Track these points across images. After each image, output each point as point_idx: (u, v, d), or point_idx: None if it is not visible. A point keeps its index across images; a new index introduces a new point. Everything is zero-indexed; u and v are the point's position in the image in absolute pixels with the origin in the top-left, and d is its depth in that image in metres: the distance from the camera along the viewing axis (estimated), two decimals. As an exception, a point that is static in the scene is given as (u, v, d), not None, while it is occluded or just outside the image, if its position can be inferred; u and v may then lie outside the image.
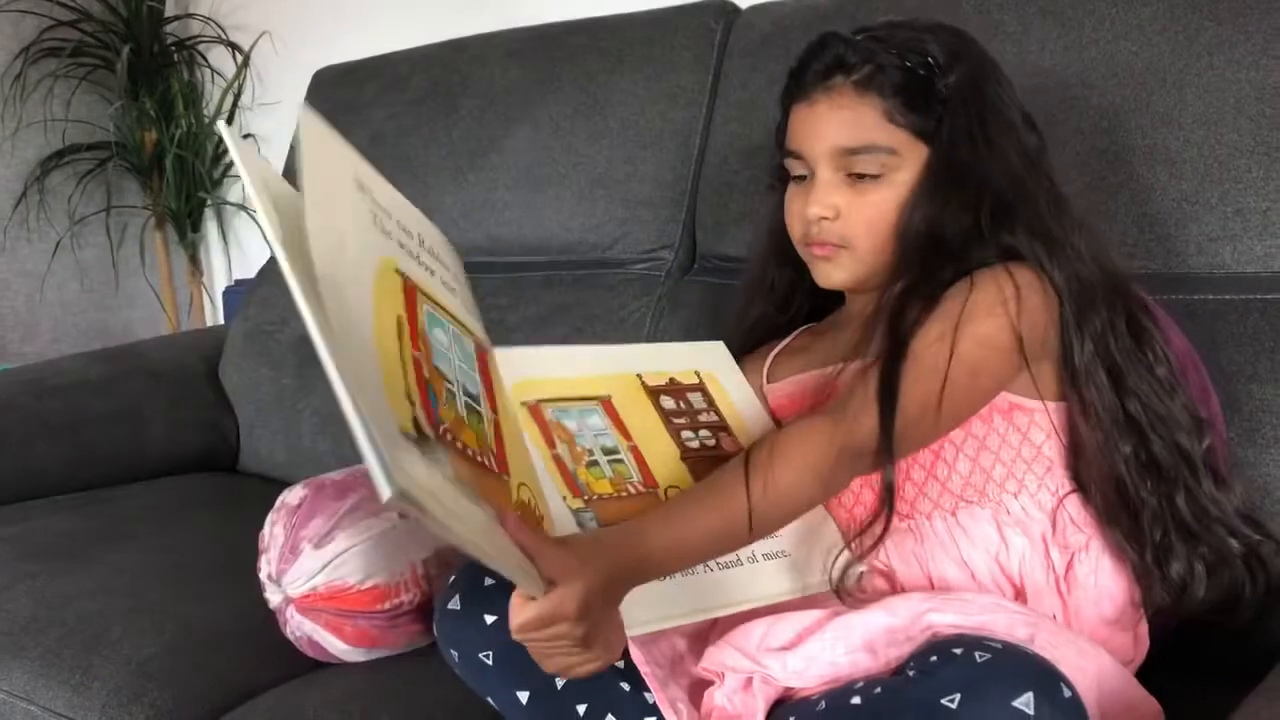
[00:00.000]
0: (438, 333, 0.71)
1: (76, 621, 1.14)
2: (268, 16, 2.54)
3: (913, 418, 0.83)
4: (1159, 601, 0.89)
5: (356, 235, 0.65)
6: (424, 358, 0.67)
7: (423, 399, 0.64)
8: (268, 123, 2.58)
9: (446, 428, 0.65)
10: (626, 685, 0.84)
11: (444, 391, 0.68)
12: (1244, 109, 1.06)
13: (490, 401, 0.76)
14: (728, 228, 1.42)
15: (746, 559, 0.88)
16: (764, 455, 0.81)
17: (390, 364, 0.62)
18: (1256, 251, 1.05)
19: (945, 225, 0.89)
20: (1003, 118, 0.92)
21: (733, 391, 1.02)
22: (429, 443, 0.61)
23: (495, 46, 1.72)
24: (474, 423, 0.70)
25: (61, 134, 2.62)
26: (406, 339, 0.66)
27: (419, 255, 0.74)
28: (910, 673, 0.72)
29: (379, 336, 0.62)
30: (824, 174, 0.94)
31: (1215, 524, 0.89)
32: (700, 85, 1.49)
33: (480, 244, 1.64)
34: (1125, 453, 0.88)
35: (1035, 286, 0.87)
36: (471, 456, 0.67)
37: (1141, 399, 0.89)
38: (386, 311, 0.64)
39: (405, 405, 0.61)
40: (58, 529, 1.43)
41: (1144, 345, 0.91)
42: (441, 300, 0.75)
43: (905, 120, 0.91)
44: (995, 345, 0.86)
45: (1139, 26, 1.13)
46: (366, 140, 1.81)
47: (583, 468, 0.87)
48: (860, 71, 0.91)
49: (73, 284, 2.73)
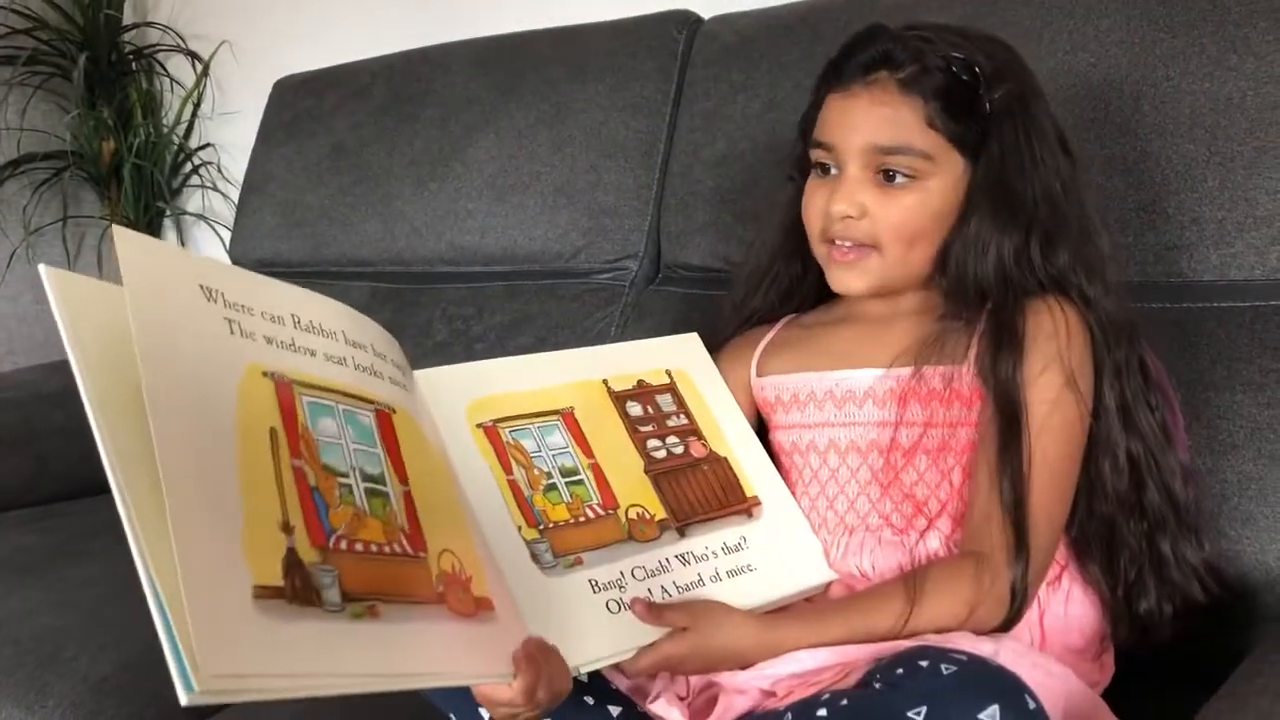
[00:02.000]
0: (324, 422, 0.67)
1: (31, 639, 1.12)
2: (227, 25, 2.52)
3: (1047, 513, 0.84)
4: (1122, 639, 0.91)
5: (209, 357, 0.62)
6: (308, 462, 0.64)
7: (307, 515, 0.61)
8: (228, 132, 2.56)
9: (341, 534, 0.63)
10: (590, 699, 0.84)
11: (336, 491, 0.65)
12: (1199, 120, 1.07)
13: (398, 471, 0.72)
14: (692, 237, 1.42)
15: (710, 579, 0.87)
16: (914, 591, 0.82)
17: (261, 495, 0.59)
18: (1212, 260, 1.06)
19: (1007, 253, 0.88)
20: (1047, 140, 0.91)
21: (705, 389, 1.00)
22: (308, 574, 0.59)
23: (458, 56, 1.72)
24: (377, 508, 0.67)
25: (16, 143, 2.57)
26: (285, 451, 0.63)
27: (293, 341, 0.69)
28: (876, 684, 0.72)
29: (246, 467, 0.59)
30: (853, 170, 0.91)
31: (1189, 572, 0.91)
32: (664, 95, 1.49)
33: (444, 254, 1.64)
34: (1121, 491, 0.89)
35: (1080, 321, 0.88)
36: (378, 551, 0.65)
37: (1145, 440, 0.90)
38: (257, 429, 0.62)
39: (277, 543, 0.59)
40: (13, 544, 1.40)
41: (1149, 387, 0.92)
42: (326, 381, 0.70)
43: (944, 126, 0.89)
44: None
45: (1096, 38, 1.14)
46: (328, 150, 1.80)
47: (539, 494, 0.85)
48: (906, 70, 0.89)
49: (27, 295, 2.68)
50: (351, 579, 0.61)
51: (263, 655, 0.54)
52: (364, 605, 0.61)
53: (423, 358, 1.53)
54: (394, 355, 0.80)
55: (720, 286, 1.31)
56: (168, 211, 2.67)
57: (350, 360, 0.73)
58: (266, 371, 0.65)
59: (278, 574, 0.57)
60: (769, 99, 1.35)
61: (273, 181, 1.88)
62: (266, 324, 0.68)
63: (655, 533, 0.88)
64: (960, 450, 0.91)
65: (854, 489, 0.94)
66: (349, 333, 0.75)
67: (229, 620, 0.53)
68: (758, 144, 1.33)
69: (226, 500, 0.57)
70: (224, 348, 0.63)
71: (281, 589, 0.57)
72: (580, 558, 0.83)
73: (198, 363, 0.61)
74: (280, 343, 0.68)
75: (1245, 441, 0.99)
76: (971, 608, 0.81)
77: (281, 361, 0.67)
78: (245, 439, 0.60)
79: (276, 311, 0.69)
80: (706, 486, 0.93)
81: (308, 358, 0.69)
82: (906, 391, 0.92)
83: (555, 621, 0.77)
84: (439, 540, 0.71)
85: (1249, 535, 0.97)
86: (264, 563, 0.57)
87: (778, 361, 1.03)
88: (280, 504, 0.60)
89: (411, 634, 0.64)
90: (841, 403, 0.96)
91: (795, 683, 0.79)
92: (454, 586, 0.69)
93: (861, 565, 0.91)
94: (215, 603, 0.53)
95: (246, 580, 0.55)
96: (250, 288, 0.68)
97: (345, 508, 0.65)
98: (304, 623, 0.57)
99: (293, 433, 0.64)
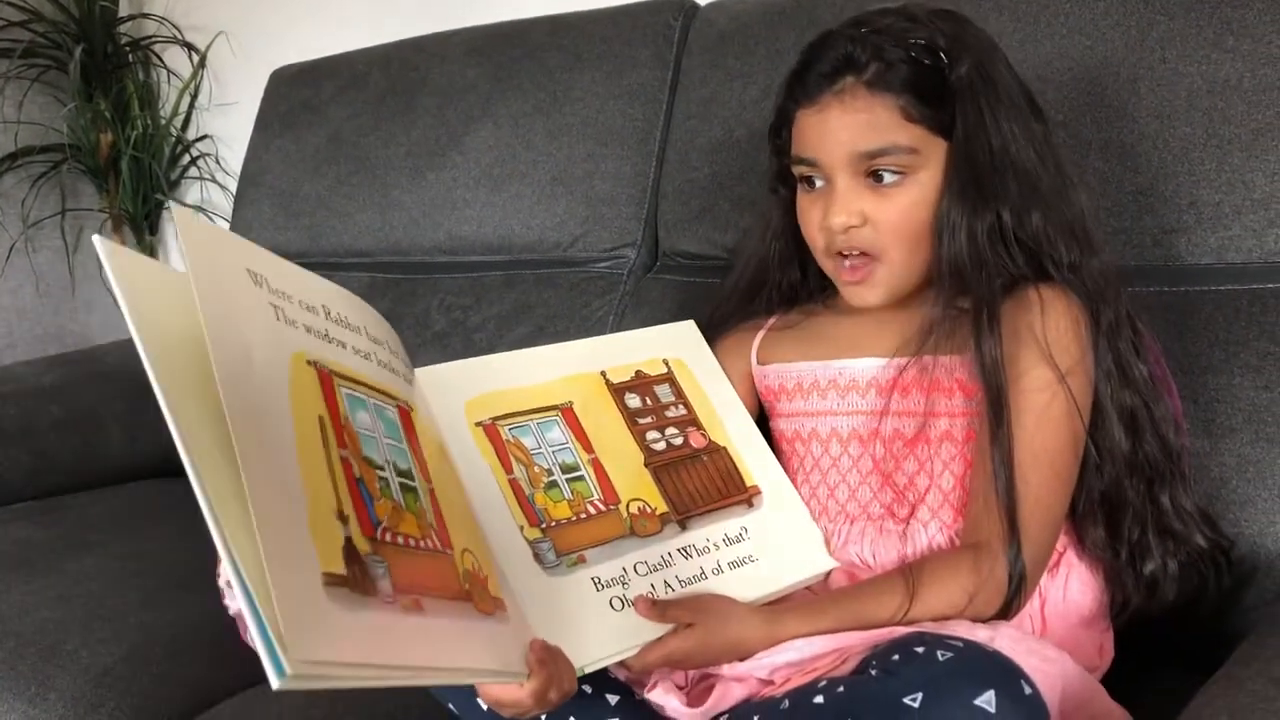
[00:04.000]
0: (361, 415, 0.67)
1: (33, 632, 1.12)
2: (223, 16, 2.51)
3: (1044, 504, 0.84)
4: (1131, 601, 0.90)
5: (262, 342, 0.61)
6: (352, 453, 0.64)
7: (356, 505, 0.61)
8: (225, 123, 2.55)
9: (385, 526, 0.63)
10: (589, 688, 0.84)
11: (377, 483, 0.65)
12: (1196, 103, 1.07)
13: (422, 469, 0.72)
14: (689, 224, 1.41)
15: (712, 571, 0.87)
16: (913, 582, 0.82)
17: (318, 483, 0.59)
18: (1210, 244, 1.06)
19: (979, 231, 0.87)
20: (1013, 106, 0.89)
21: (703, 378, 1.00)
22: (364, 565, 0.58)
23: (454, 45, 1.71)
24: (410, 503, 0.67)
25: (14, 136, 2.57)
26: (333, 440, 0.62)
27: (328, 332, 0.69)
28: (872, 671, 0.72)
29: (303, 453, 0.59)
30: (843, 180, 0.89)
31: (1190, 521, 0.91)
32: (660, 82, 1.49)
33: (441, 243, 1.64)
34: (1125, 449, 0.88)
35: (1068, 306, 0.87)
36: (415, 546, 0.65)
37: (1140, 392, 0.90)
38: (308, 417, 0.61)
39: (336, 531, 0.58)
40: (13, 538, 1.40)
41: (1139, 340, 0.92)
42: (358, 374, 0.70)
43: (921, 115, 0.87)
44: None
45: (1093, 21, 1.13)
46: (325, 140, 1.79)
47: (540, 491, 0.85)
48: (870, 70, 0.87)
49: (27, 288, 2.69)
50: (399, 571, 0.61)
51: (338, 643, 0.53)
52: (410, 598, 0.61)
53: (421, 348, 1.54)
54: (403, 355, 0.80)
55: (718, 274, 1.31)
56: (166, 204, 2.67)
57: (374, 355, 0.73)
58: (310, 360, 0.65)
59: (340, 562, 0.57)
60: (765, 85, 1.35)
61: (270, 172, 1.88)
62: (305, 313, 0.67)
63: (657, 527, 0.88)
64: (962, 440, 0.90)
65: (855, 478, 0.94)
66: (370, 329, 0.75)
67: (310, 606, 0.53)
68: (754, 131, 1.33)
69: (292, 484, 0.56)
70: (273, 333, 0.63)
71: (346, 577, 0.56)
72: (583, 555, 0.83)
73: (255, 346, 0.60)
74: (319, 332, 0.68)
75: (1243, 425, 0.98)
76: (970, 596, 0.81)
77: (323, 351, 0.67)
78: (300, 425, 0.60)
79: (312, 301, 0.69)
80: (706, 477, 0.94)
81: (341, 350, 0.69)
82: (909, 381, 0.92)
83: (559, 622, 0.77)
84: (460, 539, 0.71)
85: (1247, 518, 0.97)
86: (329, 550, 0.56)
87: (779, 350, 1.02)
88: (334, 492, 0.60)
89: (449, 629, 0.64)
90: (844, 391, 0.96)
91: (792, 670, 0.79)
92: (476, 585, 0.69)
93: (863, 554, 0.91)
94: (297, 588, 0.52)
95: (317, 567, 0.55)
96: (289, 276, 0.68)
97: (385, 500, 0.64)
98: (367, 612, 0.57)
99: (337, 422, 0.64)
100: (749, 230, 1.10)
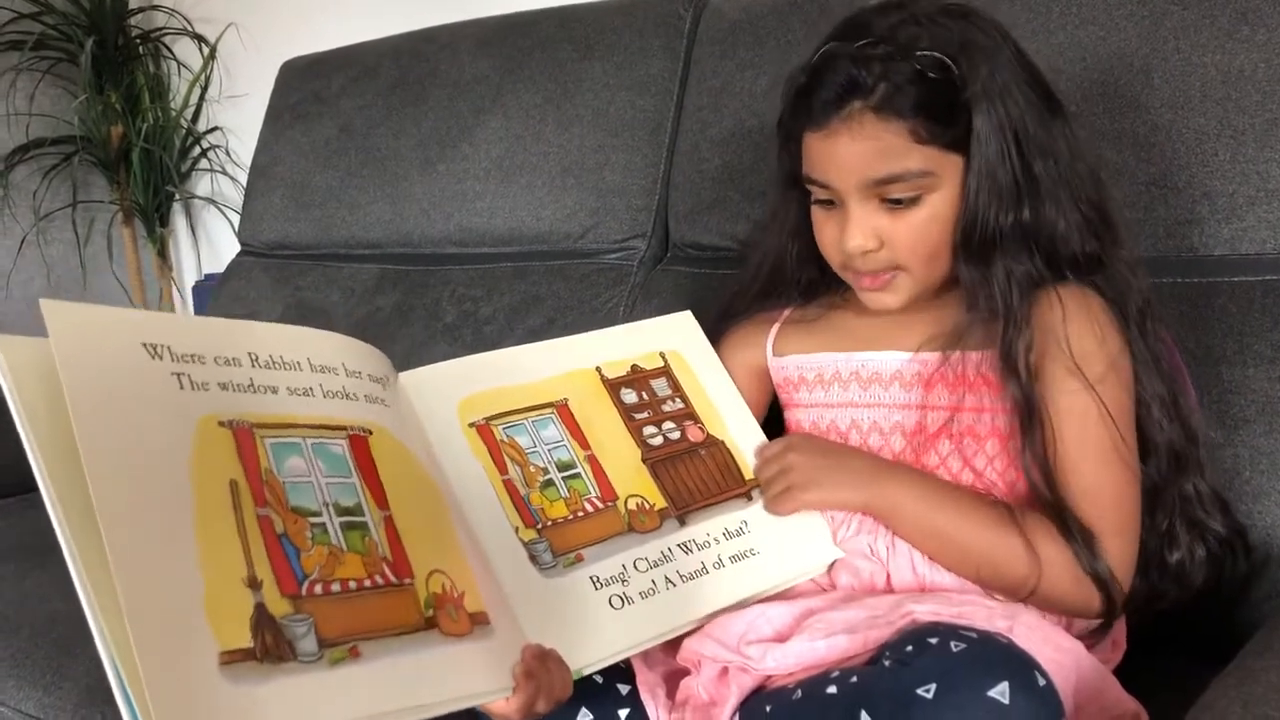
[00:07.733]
0: (291, 461, 0.67)
1: (48, 621, 1.13)
2: (234, 8, 2.52)
3: (1131, 499, 0.85)
4: (1160, 591, 0.90)
5: (158, 420, 0.61)
6: (274, 508, 0.64)
7: (276, 565, 0.61)
8: (235, 115, 2.56)
9: (315, 579, 0.63)
10: (599, 677, 0.84)
11: (308, 532, 0.64)
12: (1210, 93, 1.06)
13: (377, 497, 0.70)
14: (700, 216, 1.41)
15: (713, 565, 0.86)
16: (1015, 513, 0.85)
17: (223, 554, 0.59)
18: (1223, 235, 1.05)
19: (998, 239, 0.86)
20: (1029, 104, 0.86)
21: (700, 370, 1.00)
22: (278, 628, 0.59)
23: (464, 36, 1.71)
24: (355, 541, 0.67)
25: (25, 128, 2.58)
26: (247, 501, 0.62)
27: (251, 382, 0.68)
28: (886, 662, 0.72)
29: (205, 526, 0.59)
30: (856, 204, 0.87)
31: (1212, 507, 0.91)
32: (670, 73, 1.49)
33: (451, 235, 1.64)
34: (1167, 438, 0.89)
35: (1098, 308, 0.87)
36: (358, 588, 0.65)
37: (1167, 381, 0.90)
38: (214, 485, 0.61)
39: (243, 602, 0.58)
40: (28, 526, 1.41)
41: (1159, 330, 0.92)
42: (290, 418, 0.69)
43: (932, 135, 0.84)
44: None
45: (1106, 11, 1.13)
46: (336, 132, 1.80)
47: (536, 491, 0.84)
48: (877, 94, 0.84)
49: (39, 280, 2.70)
50: (329, 623, 0.61)
51: None
52: (344, 648, 0.61)
53: (431, 340, 1.55)
54: (370, 369, 0.78)
55: (729, 265, 1.30)
56: (176, 195, 2.68)
57: (318, 388, 0.72)
58: (223, 421, 0.64)
59: (245, 635, 0.57)
60: (776, 76, 1.34)
61: (280, 164, 1.88)
62: (220, 369, 0.67)
63: (656, 523, 0.87)
64: (984, 436, 0.90)
65: None
66: (315, 359, 0.73)
67: (193, 693, 0.53)
68: (765, 121, 1.32)
69: (184, 567, 0.57)
70: (173, 405, 0.63)
71: (250, 650, 0.57)
72: (580, 554, 0.82)
73: (143, 426, 0.60)
74: (237, 386, 0.67)
75: (1256, 416, 0.98)
76: (1047, 563, 0.82)
77: (238, 406, 0.66)
78: (202, 496, 0.60)
79: (232, 354, 0.68)
80: (705, 471, 0.93)
81: (269, 396, 0.68)
82: (935, 376, 0.92)
83: (556, 624, 0.76)
84: (426, 561, 0.70)
85: (1260, 510, 0.96)
86: (229, 626, 0.57)
87: (798, 341, 1.02)
88: (245, 559, 0.60)
89: (399, 667, 0.64)
90: (867, 384, 0.96)
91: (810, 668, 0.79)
92: (445, 607, 0.69)
93: (874, 544, 0.90)
94: (177, 678, 0.53)
95: (212, 648, 0.55)
96: (200, 335, 0.67)
97: (319, 549, 0.64)
98: (276, 680, 0.57)
99: (255, 480, 0.64)
100: (761, 223, 1.10)
